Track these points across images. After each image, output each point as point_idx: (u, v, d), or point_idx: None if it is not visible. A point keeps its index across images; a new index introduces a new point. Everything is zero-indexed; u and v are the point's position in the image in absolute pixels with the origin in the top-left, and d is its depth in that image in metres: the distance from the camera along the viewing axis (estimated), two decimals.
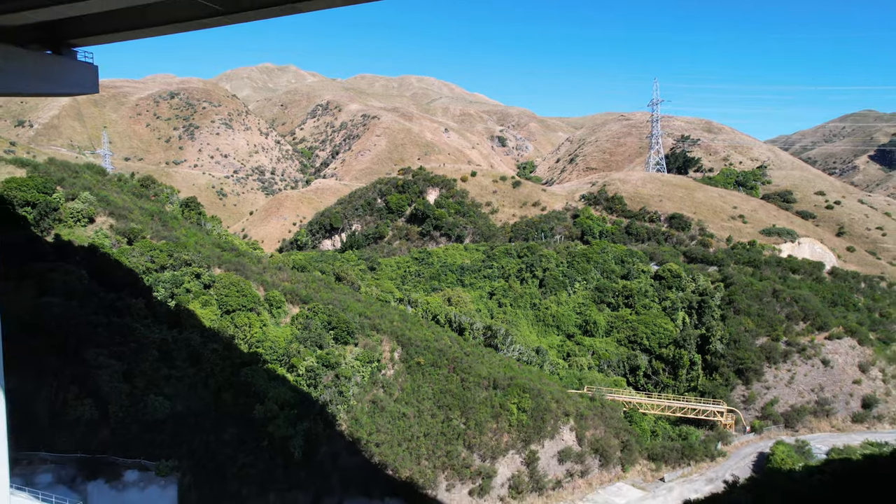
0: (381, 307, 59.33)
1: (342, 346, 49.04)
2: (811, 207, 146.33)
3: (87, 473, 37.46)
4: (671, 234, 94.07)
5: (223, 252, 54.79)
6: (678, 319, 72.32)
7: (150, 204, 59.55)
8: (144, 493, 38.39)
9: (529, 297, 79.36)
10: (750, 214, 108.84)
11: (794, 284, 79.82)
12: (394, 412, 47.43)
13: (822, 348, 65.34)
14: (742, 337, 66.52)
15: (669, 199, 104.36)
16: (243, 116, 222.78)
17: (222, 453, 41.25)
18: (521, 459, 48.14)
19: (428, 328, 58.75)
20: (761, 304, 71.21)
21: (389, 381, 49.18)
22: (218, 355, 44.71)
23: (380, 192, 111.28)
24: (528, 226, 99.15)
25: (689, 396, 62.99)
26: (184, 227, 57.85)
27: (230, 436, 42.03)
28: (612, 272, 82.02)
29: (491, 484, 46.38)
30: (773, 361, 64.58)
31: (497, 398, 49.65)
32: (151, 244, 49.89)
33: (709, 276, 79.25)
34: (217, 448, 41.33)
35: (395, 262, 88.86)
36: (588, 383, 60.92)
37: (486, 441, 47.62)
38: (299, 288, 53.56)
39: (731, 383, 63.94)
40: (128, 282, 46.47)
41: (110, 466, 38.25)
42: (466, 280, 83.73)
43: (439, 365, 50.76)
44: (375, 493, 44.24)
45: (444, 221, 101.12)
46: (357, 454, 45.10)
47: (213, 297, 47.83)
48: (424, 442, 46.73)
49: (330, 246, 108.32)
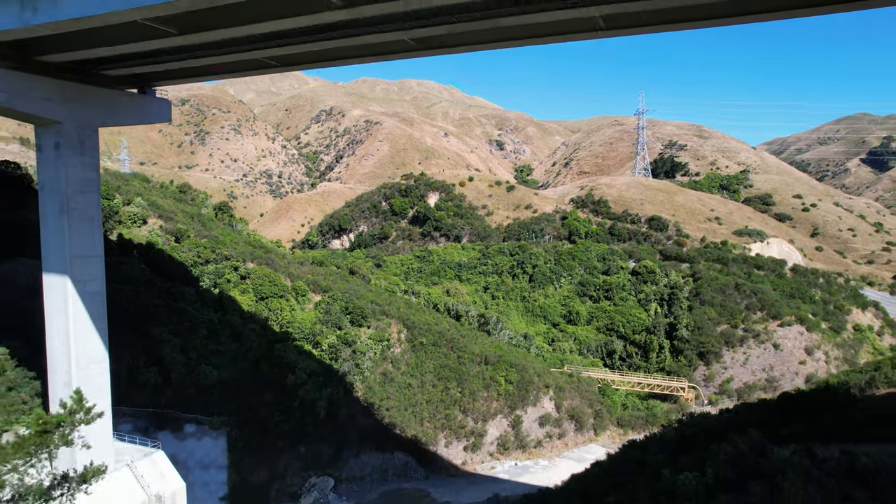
0: (389, 296, 68.56)
1: (357, 328, 58.21)
2: (789, 210, 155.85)
3: (157, 425, 46.61)
4: (650, 235, 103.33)
5: (254, 249, 64.01)
6: (651, 310, 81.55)
7: (188, 207, 68.77)
8: (201, 442, 47.54)
9: (520, 290, 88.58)
10: (725, 216, 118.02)
11: (758, 279, 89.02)
12: (401, 382, 56.58)
13: (774, 334, 74.60)
14: (705, 324, 75.76)
15: (650, 203, 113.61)
16: (251, 122, 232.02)
17: (262, 412, 50.35)
18: (507, 422, 57.31)
19: (429, 314, 67.95)
20: (724, 296, 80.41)
21: (397, 357, 58.33)
22: (255, 334, 53.86)
23: (384, 195, 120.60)
24: (521, 227, 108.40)
25: (656, 375, 72.21)
26: (219, 227, 67.06)
27: (268, 398, 51.15)
28: (595, 268, 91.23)
29: (482, 441, 55.55)
30: (731, 345, 73.85)
31: (488, 372, 58.82)
32: (196, 242, 59.10)
33: (680, 271, 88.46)
34: (257, 408, 50.40)
35: (399, 260, 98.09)
36: (568, 363, 70.15)
37: (478, 407, 56.79)
38: (320, 279, 62.77)
39: (694, 364, 73.14)
40: (179, 273, 55.67)
41: (174, 420, 47.34)
42: (464, 276, 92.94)
43: (439, 344, 59.91)
44: (387, 447, 53.39)
45: (443, 223, 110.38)
46: (371, 416, 54.24)
47: (250, 286, 57.02)
48: (426, 407, 55.86)
49: (339, 245, 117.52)
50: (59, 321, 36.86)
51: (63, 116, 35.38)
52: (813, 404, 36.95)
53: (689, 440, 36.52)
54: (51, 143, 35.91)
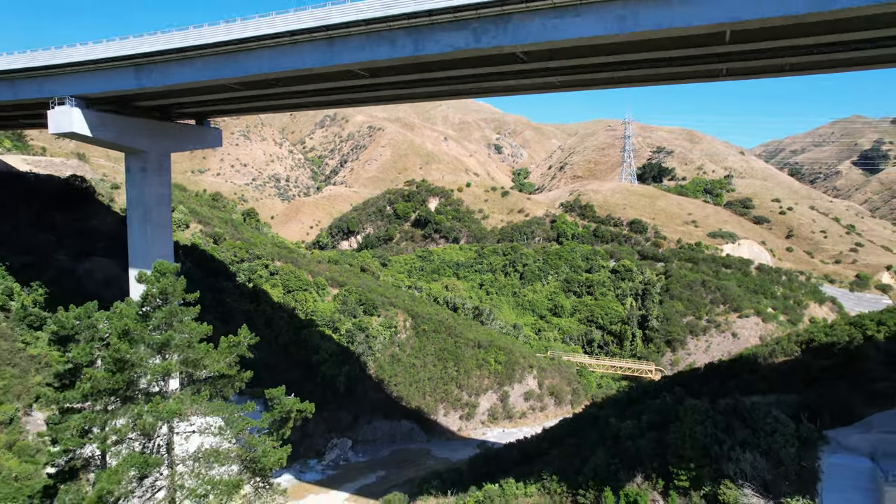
0: (396, 290, 78.87)
1: (369, 317, 68.53)
2: (767, 213, 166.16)
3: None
4: (630, 236, 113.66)
5: (280, 249, 74.35)
6: (627, 303, 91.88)
7: (221, 213, 79.08)
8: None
9: (511, 287, 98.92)
10: (702, 220, 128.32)
11: (725, 277, 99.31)
12: (406, 363, 66.90)
13: (733, 324, 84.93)
14: (673, 316, 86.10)
15: (633, 207, 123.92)
16: (259, 128, 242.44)
17: (292, 386, 60.48)
18: (496, 396, 67.63)
19: (430, 306, 78.27)
20: (691, 291, 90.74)
21: (403, 341, 68.67)
22: (284, 321, 64.15)
23: (388, 200, 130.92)
24: (514, 229, 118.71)
25: (628, 360, 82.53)
26: (248, 230, 77.38)
27: (296, 375, 61.37)
28: (579, 267, 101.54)
29: (475, 412, 65.86)
30: (695, 334, 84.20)
31: (480, 354, 69.13)
32: (232, 243, 69.43)
33: (655, 270, 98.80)
34: (288, 382, 60.52)
35: (403, 260, 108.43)
36: (552, 349, 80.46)
37: (471, 383, 67.10)
38: (336, 275, 73.10)
39: (662, 351, 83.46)
40: (220, 270, 65.97)
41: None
42: (461, 274, 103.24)
43: (439, 331, 70.21)
44: (395, 416, 63.65)
45: (443, 226, 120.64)
46: (381, 390, 64.56)
47: (278, 281, 67.34)
48: (428, 383, 66.18)
49: (347, 246, 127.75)
50: None
51: (148, 147, 45.88)
52: (728, 370, 47.53)
53: (634, 399, 47.23)
54: (137, 168, 46.37)
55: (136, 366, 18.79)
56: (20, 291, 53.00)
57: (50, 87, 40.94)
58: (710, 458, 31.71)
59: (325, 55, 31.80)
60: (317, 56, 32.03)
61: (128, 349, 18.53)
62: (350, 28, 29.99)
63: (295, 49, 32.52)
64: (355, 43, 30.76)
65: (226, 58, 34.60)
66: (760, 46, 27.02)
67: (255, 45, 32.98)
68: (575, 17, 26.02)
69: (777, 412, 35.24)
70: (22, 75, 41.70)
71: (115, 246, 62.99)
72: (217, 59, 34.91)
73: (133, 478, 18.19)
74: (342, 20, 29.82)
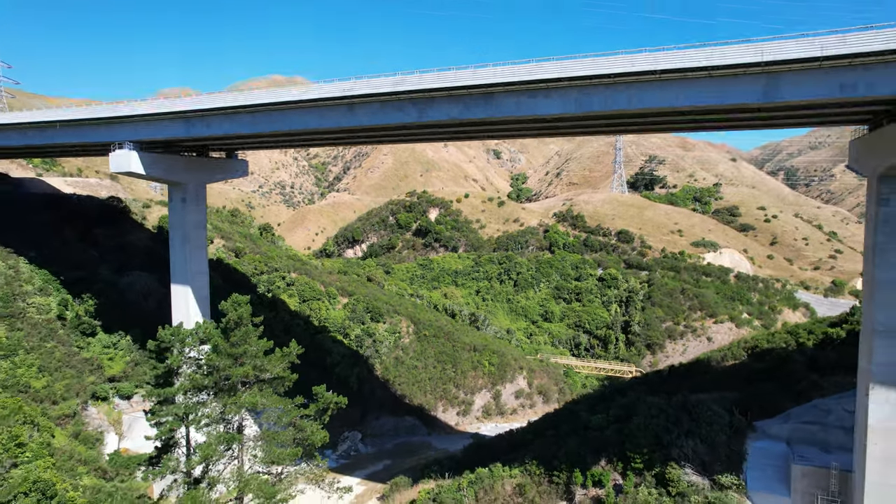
0: (399, 298, 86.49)
1: (376, 323, 76.19)
2: (752, 220, 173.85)
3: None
4: (618, 246, 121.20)
5: (294, 262, 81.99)
6: (612, 310, 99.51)
7: (240, 228, 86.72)
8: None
9: (506, 294, 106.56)
10: (687, 229, 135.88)
11: (704, 285, 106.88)
12: (409, 364, 74.54)
13: (708, 329, 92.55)
14: (653, 322, 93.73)
15: (621, 217, 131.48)
16: None
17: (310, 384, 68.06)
18: (490, 395, 75.26)
19: (431, 313, 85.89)
20: (671, 298, 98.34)
21: (406, 345, 76.31)
22: (301, 327, 71.73)
23: (391, 211, 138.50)
24: (509, 239, 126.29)
25: (611, 362, 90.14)
26: (265, 244, 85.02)
27: (313, 375, 68.67)
28: (569, 275, 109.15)
29: (471, 409, 73.50)
30: (673, 339, 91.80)
31: (476, 357, 76.74)
32: (252, 257, 77.08)
33: (639, 278, 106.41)
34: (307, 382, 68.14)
35: (405, 268, 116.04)
36: (541, 352, 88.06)
37: (467, 383, 74.76)
38: (346, 286, 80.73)
39: (643, 353, 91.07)
40: (243, 281, 73.60)
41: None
42: (459, 281, 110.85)
43: (438, 336, 77.85)
44: (399, 412, 71.26)
45: (442, 235, 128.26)
46: (387, 389, 72.19)
47: (295, 291, 74.99)
48: (428, 383, 73.80)
49: (352, 254, 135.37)
50: (182, 317, 54.91)
51: (188, 179, 53.54)
52: (686, 372, 55.33)
53: (606, 396, 55.06)
54: (179, 198, 54.00)
55: (221, 370, 26.40)
56: (73, 303, 60.74)
57: (112, 133, 48.59)
58: (660, 445, 39.70)
59: (346, 117, 39.48)
60: (339, 118, 39.71)
61: (217, 359, 26.15)
62: (367, 98, 37.70)
63: (319, 112, 40.20)
64: (371, 109, 38.48)
65: (264, 115, 42.29)
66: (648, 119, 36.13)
67: (289, 107, 40.65)
68: (545, 98, 33.78)
69: (716, 407, 43.42)
70: (87, 123, 49.34)
71: (149, 260, 70.76)
72: (256, 116, 42.60)
73: (221, 451, 25.84)
74: (362, 92, 37.51)
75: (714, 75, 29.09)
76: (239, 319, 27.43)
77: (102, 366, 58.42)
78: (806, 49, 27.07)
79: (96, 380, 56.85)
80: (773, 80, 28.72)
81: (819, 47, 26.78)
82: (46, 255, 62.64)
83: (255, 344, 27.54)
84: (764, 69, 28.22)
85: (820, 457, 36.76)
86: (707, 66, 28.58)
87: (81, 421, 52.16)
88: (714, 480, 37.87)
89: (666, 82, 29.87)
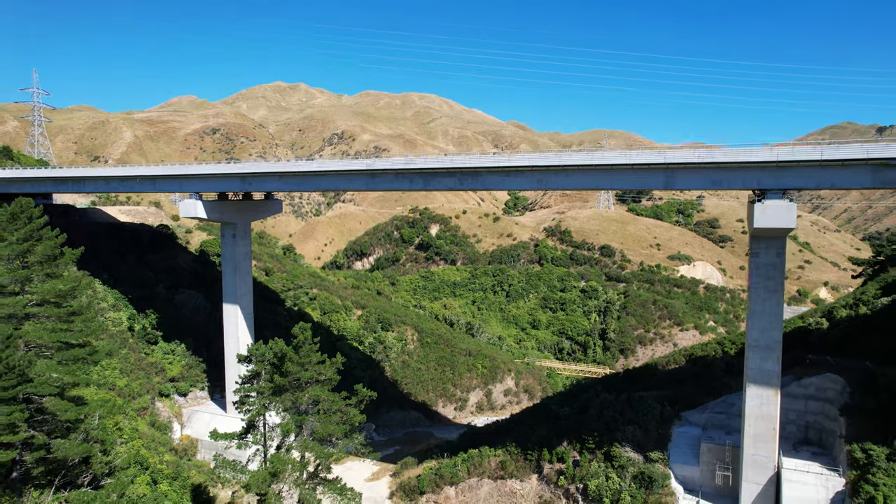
0: (405, 310, 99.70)
1: (385, 332, 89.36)
2: (731, 232, 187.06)
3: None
4: (600, 260, 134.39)
5: (315, 279, 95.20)
6: (591, 318, 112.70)
7: (267, 249, 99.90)
8: None
9: (498, 303, 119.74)
10: (665, 242, 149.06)
11: (675, 296, 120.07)
12: (414, 367, 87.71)
13: (675, 336, 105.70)
14: (627, 329, 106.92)
15: (605, 233, 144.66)
16: (273, 149, 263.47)
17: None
18: (482, 393, 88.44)
19: (432, 322, 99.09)
20: (644, 308, 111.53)
21: (411, 351, 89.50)
22: (323, 336, 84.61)
23: (396, 226, 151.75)
24: (502, 252, 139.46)
25: (590, 365, 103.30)
26: (288, 263, 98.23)
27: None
28: (555, 287, 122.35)
29: (466, 405, 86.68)
30: (643, 344, 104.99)
31: (470, 360, 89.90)
32: (280, 276, 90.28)
33: (617, 290, 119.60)
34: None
35: (409, 279, 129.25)
36: (528, 356, 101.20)
37: (463, 383, 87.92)
38: (359, 299, 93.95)
39: (617, 357, 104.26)
40: (273, 298, 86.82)
41: None
42: (457, 292, 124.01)
43: (438, 343, 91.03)
44: (406, 407, 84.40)
45: (442, 249, 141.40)
46: (396, 388, 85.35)
47: (317, 305, 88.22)
48: (430, 383, 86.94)
49: (360, 266, 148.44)
50: (232, 329, 68.01)
51: (237, 220, 66.66)
52: (638, 374, 68.52)
53: (574, 394, 68.23)
54: (230, 234, 67.12)
55: (291, 375, 39.55)
56: (138, 317, 73.90)
57: (182, 185, 61.76)
58: (608, 430, 53.11)
59: (368, 184, 52.70)
60: (363, 184, 52.95)
61: (290, 367, 39.31)
62: (385, 172, 50.91)
63: (349, 178, 53.42)
64: (387, 178, 51.71)
65: (305, 178, 55.49)
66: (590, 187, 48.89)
67: (327, 174, 53.88)
68: (516, 177, 47.02)
69: (652, 402, 56.94)
70: (161, 178, 62.58)
71: (194, 280, 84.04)
72: (298, 179, 55.80)
73: (295, 427, 39.01)
74: (381, 167, 50.73)
75: (635, 169, 42.33)
76: (304, 339, 40.53)
77: (164, 369, 71.60)
78: (689, 156, 40.44)
79: (160, 380, 70.02)
80: (672, 174, 42.04)
81: (697, 156, 40.20)
82: (115, 277, 75.84)
83: (314, 356, 40.68)
84: (665, 167, 41.53)
85: (721, 437, 50.27)
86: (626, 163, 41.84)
87: (154, 413, 65.31)
88: (646, 456, 51.24)
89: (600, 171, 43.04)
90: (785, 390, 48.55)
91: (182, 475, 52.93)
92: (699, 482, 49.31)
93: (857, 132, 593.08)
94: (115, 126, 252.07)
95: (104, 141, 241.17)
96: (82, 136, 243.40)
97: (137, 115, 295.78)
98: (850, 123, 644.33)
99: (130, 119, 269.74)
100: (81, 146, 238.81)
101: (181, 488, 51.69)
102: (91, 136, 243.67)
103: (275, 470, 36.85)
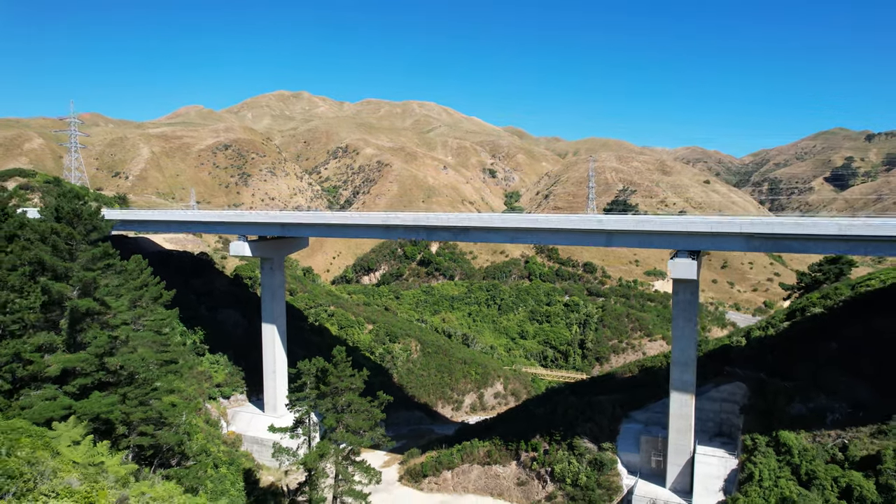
0: (409, 324, 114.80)
1: (393, 344, 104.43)
2: None
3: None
4: (583, 276, 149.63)
5: (332, 297, 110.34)
6: (572, 330, 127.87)
7: (290, 271, 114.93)
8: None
9: (491, 316, 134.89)
10: (644, 259, 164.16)
11: (648, 309, 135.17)
12: (417, 373, 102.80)
13: (644, 346, 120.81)
14: (602, 340, 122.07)
15: (588, 251, 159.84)
16: (283, 164, 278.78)
17: None
18: (476, 396, 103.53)
19: (433, 335, 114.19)
20: (618, 321, 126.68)
21: (415, 360, 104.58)
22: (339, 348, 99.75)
23: (399, 244, 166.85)
24: (496, 268, 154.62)
25: (570, 371, 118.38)
26: (309, 283, 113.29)
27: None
28: (542, 301, 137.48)
29: (461, 406, 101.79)
30: (616, 353, 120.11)
31: (465, 368, 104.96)
32: (303, 296, 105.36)
33: (596, 304, 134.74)
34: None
35: (412, 294, 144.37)
36: (516, 364, 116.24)
37: (459, 387, 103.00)
38: (370, 315, 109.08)
39: (594, 364, 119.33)
40: (298, 314, 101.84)
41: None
42: (455, 305, 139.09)
43: (438, 352, 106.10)
44: (410, 408, 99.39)
45: (441, 265, 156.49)
46: (402, 392, 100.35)
47: (335, 321, 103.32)
48: (431, 387, 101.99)
49: (367, 281, 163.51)
50: (269, 344, 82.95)
51: (274, 255, 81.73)
52: (601, 380, 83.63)
53: (549, 396, 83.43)
54: (268, 267, 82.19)
55: (332, 384, 54.72)
56: (188, 333, 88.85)
57: (229, 229, 76.83)
58: (571, 426, 68.17)
59: (384, 234, 67.88)
60: (379, 234, 68.11)
61: (332, 379, 54.48)
62: (398, 226, 66.09)
63: (368, 230, 68.57)
64: (398, 231, 66.85)
65: (335, 228, 70.59)
66: (549, 243, 63.92)
67: (351, 226, 69.02)
68: (495, 233, 62.23)
69: (607, 403, 72.13)
70: (213, 224, 77.71)
71: (232, 300, 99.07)
72: (330, 228, 70.92)
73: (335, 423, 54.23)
74: (395, 223, 65.94)
75: (584, 232, 57.44)
76: (341, 359, 55.69)
77: (211, 376, 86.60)
78: (625, 224, 55.64)
79: (209, 386, 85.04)
80: (610, 236, 57.21)
81: (633, 222, 55.43)
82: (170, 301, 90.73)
83: (348, 370, 55.86)
84: (607, 233, 56.66)
85: (657, 431, 65.27)
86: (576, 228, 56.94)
87: (207, 412, 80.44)
88: (600, 446, 66.20)
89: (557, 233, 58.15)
90: (706, 395, 64.20)
91: (236, 462, 68.41)
92: (639, 465, 64.21)
93: (849, 138, 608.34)
94: (132, 143, 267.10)
95: (123, 157, 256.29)
96: (102, 153, 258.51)
97: (151, 129, 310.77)
98: (841, 129, 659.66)
99: (146, 135, 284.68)
100: (102, 162, 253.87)
101: (236, 471, 67.18)
102: (111, 153, 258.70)
103: (322, 452, 52.05)
